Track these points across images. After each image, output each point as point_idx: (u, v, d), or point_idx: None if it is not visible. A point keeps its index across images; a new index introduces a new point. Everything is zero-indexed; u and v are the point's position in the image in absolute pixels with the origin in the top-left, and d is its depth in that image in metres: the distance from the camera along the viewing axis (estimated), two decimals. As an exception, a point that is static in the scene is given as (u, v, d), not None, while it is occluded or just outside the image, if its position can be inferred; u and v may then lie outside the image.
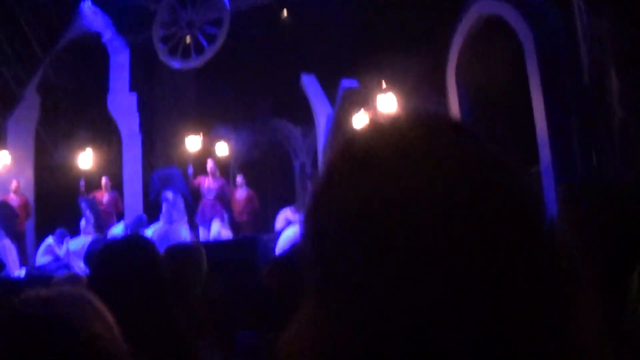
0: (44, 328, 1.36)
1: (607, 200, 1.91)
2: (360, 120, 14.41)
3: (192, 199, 14.94)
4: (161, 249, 3.35)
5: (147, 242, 3.03)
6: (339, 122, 15.09)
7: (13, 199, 15.01)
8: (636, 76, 3.71)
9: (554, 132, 12.33)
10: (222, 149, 15.32)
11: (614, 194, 1.91)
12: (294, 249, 2.34)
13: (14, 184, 15.12)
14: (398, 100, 13.29)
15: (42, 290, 1.50)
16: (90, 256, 11.33)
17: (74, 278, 5.30)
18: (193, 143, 15.21)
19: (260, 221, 15.85)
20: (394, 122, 0.92)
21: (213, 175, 15.05)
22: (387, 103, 12.85)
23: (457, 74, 14.27)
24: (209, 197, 14.75)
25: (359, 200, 0.82)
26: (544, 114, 12.44)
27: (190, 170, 15.06)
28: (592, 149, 11.45)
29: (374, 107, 13.94)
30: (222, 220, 14.69)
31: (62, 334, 1.35)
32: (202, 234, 14.62)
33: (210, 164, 15.03)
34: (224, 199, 14.89)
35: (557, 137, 12.27)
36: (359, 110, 14.70)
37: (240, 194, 15.41)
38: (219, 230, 14.38)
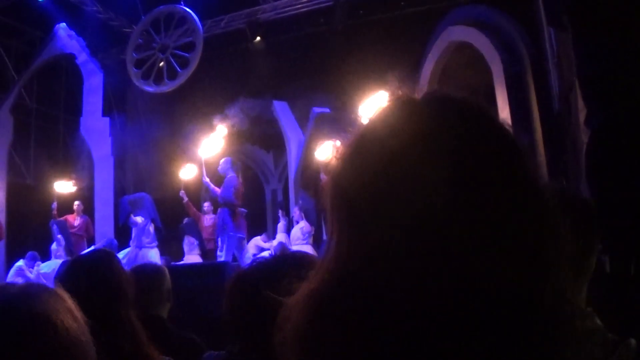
0: (10, 317, 1.38)
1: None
2: (330, 146, 14.45)
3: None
4: (130, 273, 3.44)
5: (113, 257, 3.11)
6: (311, 148, 15.13)
7: (-14, 220, 14.84)
8: (600, 97, 3.85)
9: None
10: (189, 172, 14.74)
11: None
12: (255, 265, 2.41)
13: (-13, 206, 14.98)
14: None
15: (12, 284, 1.51)
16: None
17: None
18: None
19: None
20: (413, 101, 1.05)
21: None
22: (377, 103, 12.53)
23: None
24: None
25: (383, 161, 0.96)
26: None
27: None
28: (560, 173, 11.56)
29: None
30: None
31: (27, 324, 1.38)
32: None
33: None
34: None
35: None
36: (330, 135, 14.74)
37: (208, 220, 15.00)
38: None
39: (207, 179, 13.51)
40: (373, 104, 12.39)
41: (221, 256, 12.88)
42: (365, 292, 0.93)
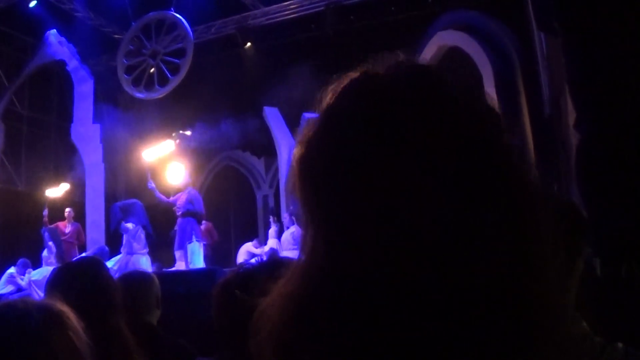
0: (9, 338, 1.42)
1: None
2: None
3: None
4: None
5: (101, 265, 3.10)
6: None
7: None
8: (590, 101, 3.82)
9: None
10: (178, 175, 14.57)
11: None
12: (235, 272, 2.41)
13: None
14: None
15: (20, 300, 1.55)
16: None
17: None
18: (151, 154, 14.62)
19: (221, 254, 15.77)
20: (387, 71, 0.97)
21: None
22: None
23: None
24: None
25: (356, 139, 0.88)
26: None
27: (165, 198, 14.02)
28: (552, 178, 11.56)
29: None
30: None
31: (17, 344, 1.41)
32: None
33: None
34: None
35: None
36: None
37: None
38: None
39: (154, 185, 13.66)
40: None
41: (190, 263, 13.00)
42: (343, 291, 0.86)
